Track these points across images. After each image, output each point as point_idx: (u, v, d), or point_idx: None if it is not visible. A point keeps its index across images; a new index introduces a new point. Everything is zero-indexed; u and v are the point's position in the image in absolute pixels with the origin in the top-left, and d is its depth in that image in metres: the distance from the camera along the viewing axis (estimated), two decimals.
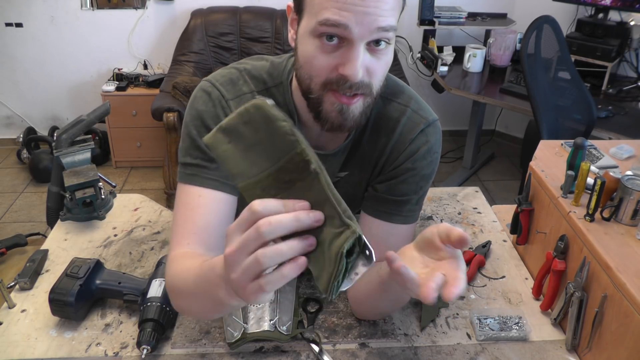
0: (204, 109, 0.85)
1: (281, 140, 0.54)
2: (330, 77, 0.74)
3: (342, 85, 0.73)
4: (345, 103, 0.75)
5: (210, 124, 0.84)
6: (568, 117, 2.22)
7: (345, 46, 0.72)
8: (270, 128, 0.54)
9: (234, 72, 0.89)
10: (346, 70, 0.71)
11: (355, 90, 0.74)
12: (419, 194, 0.92)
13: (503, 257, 1.18)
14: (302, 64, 0.77)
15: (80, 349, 0.92)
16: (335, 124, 0.78)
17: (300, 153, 0.53)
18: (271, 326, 0.92)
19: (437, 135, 0.91)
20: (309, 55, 0.74)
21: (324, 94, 0.76)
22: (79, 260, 1.01)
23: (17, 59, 3.32)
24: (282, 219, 0.51)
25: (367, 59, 0.73)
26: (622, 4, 2.64)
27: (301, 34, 0.76)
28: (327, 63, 0.73)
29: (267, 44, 3.20)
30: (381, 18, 0.69)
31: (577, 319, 0.91)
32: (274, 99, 0.85)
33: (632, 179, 0.93)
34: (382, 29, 0.70)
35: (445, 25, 3.09)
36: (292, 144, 0.53)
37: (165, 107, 2.73)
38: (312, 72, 0.75)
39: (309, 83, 0.76)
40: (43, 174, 3.11)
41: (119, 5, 3.21)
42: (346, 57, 0.71)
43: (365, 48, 0.72)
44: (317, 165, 0.53)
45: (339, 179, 0.96)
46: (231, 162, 0.57)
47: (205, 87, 0.88)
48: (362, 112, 0.78)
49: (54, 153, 1.29)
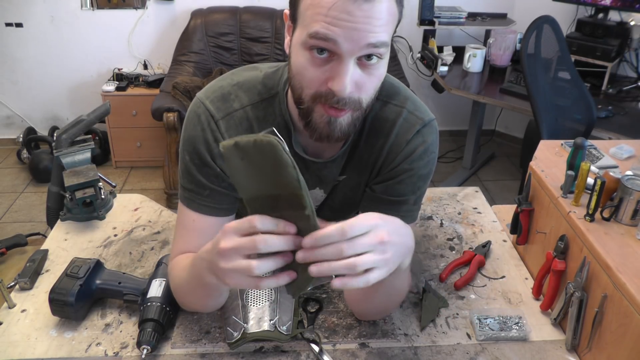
0: (193, 134, 0.87)
1: (287, 181, 0.61)
2: (320, 90, 0.74)
3: (330, 99, 0.74)
4: (333, 115, 0.76)
5: (200, 149, 0.87)
6: (568, 117, 2.22)
7: (335, 60, 0.72)
8: (279, 167, 0.61)
9: (225, 86, 0.89)
10: (334, 85, 0.72)
11: (342, 105, 0.74)
12: (416, 194, 0.92)
13: (503, 257, 1.18)
14: (294, 74, 0.77)
15: (80, 349, 0.92)
16: (323, 134, 0.79)
17: (299, 196, 0.62)
18: (271, 326, 0.92)
19: (433, 135, 0.91)
20: (300, 66, 0.75)
21: (314, 106, 0.76)
22: (79, 260, 1.01)
23: (17, 59, 3.32)
24: (277, 240, 0.63)
25: (356, 74, 0.73)
26: (622, 4, 2.64)
27: (294, 44, 0.76)
28: (317, 76, 0.73)
29: (267, 44, 3.20)
30: (371, 34, 0.69)
31: (577, 319, 0.91)
32: (268, 111, 0.87)
33: (632, 179, 0.93)
34: (372, 45, 0.70)
35: (445, 25, 3.09)
36: (296, 188, 0.61)
37: (165, 107, 2.73)
38: (303, 84, 0.76)
39: (300, 93, 0.77)
40: (43, 174, 3.11)
41: (119, 5, 3.21)
42: (335, 71, 0.72)
43: (356, 63, 0.72)
44: (310, 211, 0.63)
45: (338, 182, 0.96)
46: (240, 176, 0.65)
47: (195, 107, 0.88)
48: (350, 123, 0.78)
49: (54, 153, 1.29)
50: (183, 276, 0.87)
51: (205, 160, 0.87)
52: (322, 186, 0.96)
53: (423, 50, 3.09)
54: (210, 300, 0.91)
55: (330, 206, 1.01)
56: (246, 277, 0.66)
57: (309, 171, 0.92)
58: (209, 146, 0.86)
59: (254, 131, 0.88)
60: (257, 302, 0.95)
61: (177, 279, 0.90)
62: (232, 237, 0.66)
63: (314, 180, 0.94)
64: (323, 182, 0.95)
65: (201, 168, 0.88)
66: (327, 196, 0.98)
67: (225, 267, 0.67)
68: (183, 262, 0.88)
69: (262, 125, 0.88)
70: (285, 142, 0.61)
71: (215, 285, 0.79)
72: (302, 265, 0.65)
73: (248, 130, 0.88)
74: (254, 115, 0.88)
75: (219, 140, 0.86)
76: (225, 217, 0.92)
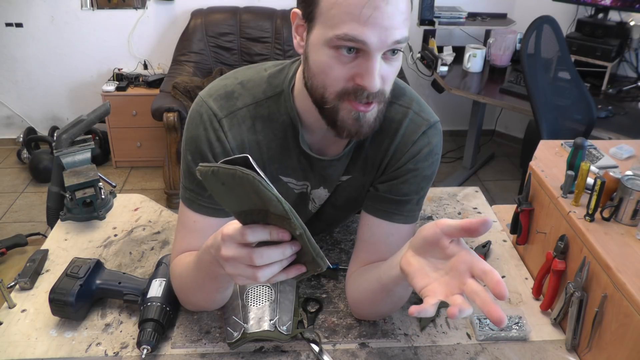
0: (196, 134, 0.87)
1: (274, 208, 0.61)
2: (346, 87, 0.75)
3: (359, 95, 0.74)
4: (362, 111, 0.76)
5: (203, 149, 0.87)
6: (568, 117, 2.22)
7: (361, 57, 0.72)
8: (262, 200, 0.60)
9: (229, 84, 0.88)
10: (365, 81, 0.72)
11: (371, 98, 0.75)
12: (420, 194, 0.92)
13: (503, 257, 1.18)
14: (315, 73, 0.76)
15: (80, 349, 0.92)
16: (352, 131, 0.79)
17: (288, 219, 0.62)
18: (271, 326, 0.92)
19: (438, 137, 0.92)
20: (323, 65, 0.74)
21: (340, 103, 0.76)
22: (79, 260, 1.01)
23: (17, 59, 3.32)
24: (273, 254, 0.65)
25: (383, 69, 0.74)
26: (622, 4, 2.64)
27: (314, 43, 0.75)
28: (343, 73, 0.74)
29: (267, 44, 3.20)
30: (397, 31, 0.70)
31: (577, 319, 0.91)
32: (272, 109, 0.87)
33: (632, 179, 0.93)
34: (397, 41, 0.71)
35: (445, 25, 3.09)
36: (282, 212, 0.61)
37: (165, 107, 2.73)
38: (327, 82, 0.75)
39: (323, 92, 0.77)
40: (43, 174, 3.11)
41: (119, 5, 3.21)
42: (364, 67, 0.72)
43: (382, 57, 0.73)
44: (301, 229, 0.63)
45: (341, 182, 0.96)
46: (221, 197, 0.65)
47: (198, 106, 0.88)
48: (376, 117, 0.79)
49: (54, 153, 1.29)
50: (188, 273, 0.86)
51: (207, 160, 0.87)
52: (326, 185, 0.96)
53: (423, 50, 3.09)
54: (218, 294, 0.90)
55: (333, 205, 1.01)
56: (253, 279, 0.68)
57: (313, 169, 0.92)
58: (211, 145, 0.86)
59: (256, 130, 0.88)
60: (257, 302, 0.95)
61: (181, 277, 0.90)
62: (231, 246, 0.67)
63: (318, 179, 0.94)
64: (327, 181, 0.95)
65: None
66: (330, 195, 0.98)
67: (230, 272, 0.69)
68: (186, 260, 0.88)
69: (266, 124, 0.88)
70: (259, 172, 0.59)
71: (224, 276, 0.79)
72: (306, 256, 0.66)
73: (251, 129, 0.88)
74: (258, 114, 0.88)
75: (221, 139, 0.86)
76: (226, 217, 0.91)
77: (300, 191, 0.97)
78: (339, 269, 1.10)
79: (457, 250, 0.67)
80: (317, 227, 1.12)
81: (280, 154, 0.90)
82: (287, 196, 0.97)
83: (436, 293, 0.66)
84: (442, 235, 0.67)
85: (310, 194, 0.98)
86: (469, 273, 0.65)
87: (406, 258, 0.72)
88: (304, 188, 0.96)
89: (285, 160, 0.91)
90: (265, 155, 0.90)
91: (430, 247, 0.69)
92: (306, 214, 1.03)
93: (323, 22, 0.72)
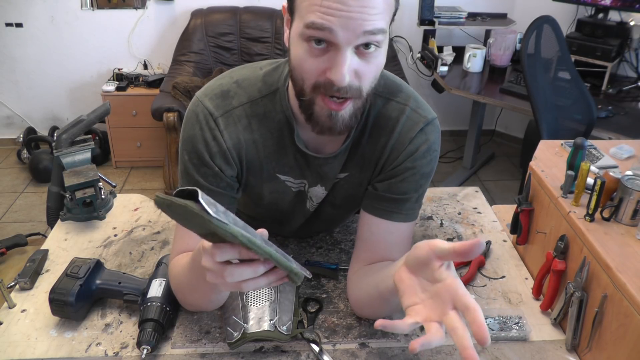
0: (192, 134, 0.87)
1: (232, 240, 0.60)
2: (319, 80, 0.75)
3: (330, 89, 0.74)
4: (334, 109, 0.76)
5: (199, 148, 0.87)
6: (568, 117, 2.22)
7: (332, 50, 0.72)
8: (220, 235, 0.60)
9: (225, 84, 0.89)
10: (332, 75, 0.72)
11: (343, 94, 0.74)
12: (418, 192, 0.92)
13: (503, 257, 1.18)
14: (294, 65, 0.77)
15: (80, 349, 0.92)
16: (325, 127, 0.79)
17: (252, 249, 0.62)
18: (271, 326, 0.92)
19: (436, 134, 0.91)
20: (299, 58, 0.75)
21: (315, 97, 0.77)
22: (79, 260, 1.01)
23: (17, 59, 3.33)
24: (244, 272, 0.66)
25: (355, 63, 0.73)
26: (622, 4, 2.64)
27: (292, 36, 0.76)
28: (316, 67, 0.74)
29: (267, 44, 3.20)
30: (367, 22, 0.69)
31: (577, 319, 0.91)
32: (268, 108, 0.87)
33: (632, 179, 0.93)
34: (369, 32, 0.70)
35: (445, 25, 3.09)
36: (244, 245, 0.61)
37: (165, 107, 2.73)
38: (303, 75, 0.76)
39: (302, 85, 0.77)
40: (43, 174, 3.11)
41: (119, 5, 3.22)
42: (333, 61, 0.72)
43: (354, 51, 0.72)
44: (267, 256, 0.63)
45: (339, 180, 0.96)
46: (183, 225, 0.66)
47: (194, 106, 0.88)
48: (352, 114, 0.78)
49: (54, 153, 1.29)
50: (184, 274, 0.87)
51: (204, 160, 0.87)
52: (323, 183, 0.96)
53: (423, 50, 3.09)
54: (213, 294, 0.89)
55: (331, 203, 1.01)
56: (237, 289, 0.70)
57: (310, 167, 0.92)
58: (207, 145, 0.87)
59: (252, 129, 0.88)
60: (257, 302, 0.95)
61: (178, 278, 0.90)
62: (208, 259, 0.68)
63: (315, 177, 0.94)
64: (324, 179, 0.95)
65: (199, 168, 0.88)
66: (328, 193, 0.98)
67: (211, 281, 0.70)
68: (183, 260, 0.88)
69: (262, 123, 0.88)
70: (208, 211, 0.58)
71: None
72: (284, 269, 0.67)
73: (247, 128, 0.88)
74: (254, 113, 0.88)
75: (218, 139, 0.86)
76: None
77: (298, 189, 0.97)
78: (339, 269, 1.10)
79: (445, 276, 0.65)
80: (317, 226, 1.12)
81: (277, 152, 0.90)
82: (284, 195, 0.97)
83: (418, 314, 0.66)
84: (433, 257, 0.66)
85: (308, 192, 0.97)
86: (451, 304, 0.64)
87: (399, 274, 0.72)
88: (302, 186, 0.96)
89: (282, 158, 0.91)
90: (262, 153, 0.90)
91: (421, 267, 0.68)
92: (304, 212, 1.03)
93: (298, 14, 0.73)
